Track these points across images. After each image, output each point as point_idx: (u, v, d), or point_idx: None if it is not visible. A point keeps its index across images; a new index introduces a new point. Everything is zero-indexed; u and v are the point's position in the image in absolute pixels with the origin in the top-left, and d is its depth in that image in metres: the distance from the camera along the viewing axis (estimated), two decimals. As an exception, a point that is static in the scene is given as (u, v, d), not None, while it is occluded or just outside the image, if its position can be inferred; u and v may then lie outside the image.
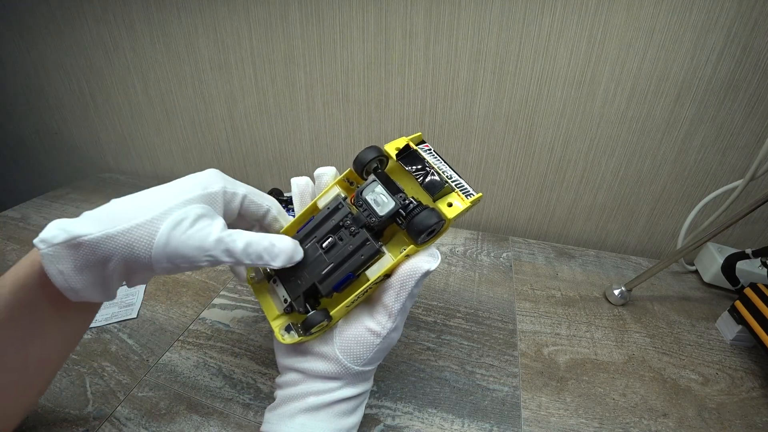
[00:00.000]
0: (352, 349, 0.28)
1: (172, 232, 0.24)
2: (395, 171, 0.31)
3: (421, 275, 0.26)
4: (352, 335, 0.28)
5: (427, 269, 0.26)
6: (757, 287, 0.42)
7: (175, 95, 0.75)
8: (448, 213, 0.27)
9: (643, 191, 0.59)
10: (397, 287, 0.27)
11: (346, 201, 0.30)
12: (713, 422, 0.36)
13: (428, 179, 0.28)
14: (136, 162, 0.87)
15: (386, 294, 0.27)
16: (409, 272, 0.26)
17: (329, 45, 0.61)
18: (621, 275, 0.56)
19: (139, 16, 0.68)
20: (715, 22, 0.46)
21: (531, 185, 0.63)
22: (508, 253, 0.60)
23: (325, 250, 0.29)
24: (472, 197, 0.27)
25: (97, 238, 0.23)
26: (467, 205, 0.27)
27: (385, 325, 0.27)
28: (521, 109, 0.58)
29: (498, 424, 0.35)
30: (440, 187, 0.27)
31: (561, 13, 0.50)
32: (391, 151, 0.29)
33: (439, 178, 0.27)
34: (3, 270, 0.25)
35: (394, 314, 0.27)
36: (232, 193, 0.29)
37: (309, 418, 0.27)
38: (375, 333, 0.27)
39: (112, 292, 0.27)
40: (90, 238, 0.23)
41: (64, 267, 0.23)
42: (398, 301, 0.27)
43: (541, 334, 0.45)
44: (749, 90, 0.49)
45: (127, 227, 0.24)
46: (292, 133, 0.71)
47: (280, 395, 0.29)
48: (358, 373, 0.28)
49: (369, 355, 0.28)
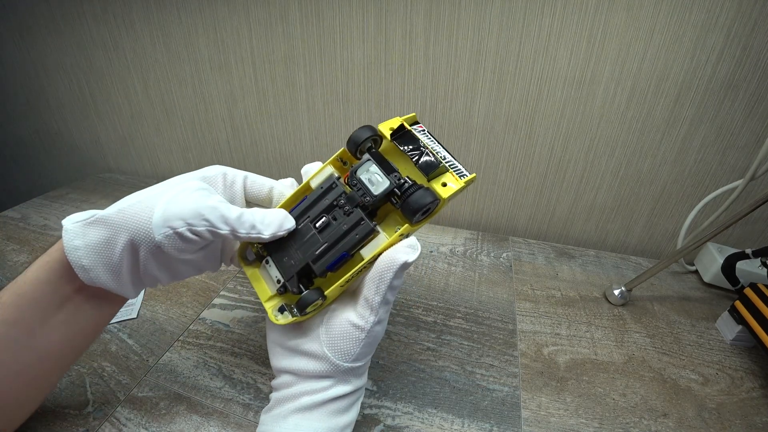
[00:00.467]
0: (338, 345, 0.28)
1: (171, 199, 0.27)
2: (389, 151, 0.31)
3: (399, 267, 0.26)
4: (337, 331, 0.28)
5: (404, 260, 0.26)
6: (757, 287, 0.42)
7: (175, 95, 0.75)
8: (443, 192, 0.27)
9: (643, 191, 0.59)
10: (376, 280, 0.27)
11: (339, 180, 0.30)
12: (713, 422, 0.36)
13: (423, 159, 0.28)
14: (136, 162, 0.87)
15: (366, 287, 0.27)
16: (388, 264, 0.26)
17: (329, 45, 0.61)
18: (621, 275, 0.56)
19: (139, 16, 0.68)
20: (715, 22, 0.46)
21: (531, 185, 0.63)
22: (508, 253, 0.60)
23: (318, 229, 0.29)
24: (465, 177, 0.28)
25: (109, 213, 0.26)
26: (461, 185, 0.27)
27: (368, 319, 0.27)
28: (521, 109, 0.58)
29: (498, 424, 0.35)
30: (435, 167, 0.27)
31: (561, 13, 0.50)
32: (386, 130, 0.29)
33: (434, 158, 0.28)
34: (2, 269, 0.26)
35: (375, 307, 0.27)
36: (232, 175, 0.32)
37: (302, 418, 0.27)
38: (359, 327, 0.27)
39: (123, 279, 0.27)
40: (103, 213, 0.26)
41: (78, 242, 0.26)
42: (378, 293, 0.27)
43: (541, 334, 0.45)
44: (749, 90, 0.49)
45: (133, 201, 0.27)
46: (292, 133, 0.71)
47: (274, 397, 0.29)
48: (349, 370, 0.28)
49: (356, 350, 0.28)
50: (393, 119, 0.30)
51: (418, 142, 0.28)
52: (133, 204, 0.27)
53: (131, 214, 0.26)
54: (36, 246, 0.59)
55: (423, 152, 0.28)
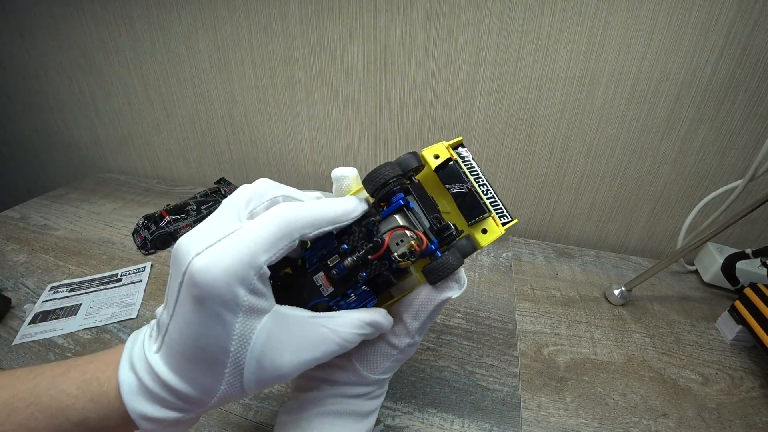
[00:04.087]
0: (368, 359, 0.28)
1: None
2: (430, 182, 0.28)
3: (442, 301, 0.26)
4: (369, 347, 0.28)
5: (449, 296, 0.26)
6: (757, 287, 0.42)
7: (175, 95, 0.75)
8: (482, 240, 0.26)
9: (643, 191, 0.59)
10: (416, 308, 0.27)
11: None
12: (713, 422, 0.36)
13: (467, 201, 0.26)
14: (136, 162, 0.87)
15: (406, 312, 0.27)
16: (430, 297, 0.26)
17: (329, 45, 0.61)
18: (621, 275, 0.56)
19: (139, 16, 0.68)
20: (715, 22, 0.46)
21: (531, 185, 0.63)
22: (508, 253, 0.60)
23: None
24: (507, 224, 0.26)
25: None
26: (500, 234, 0.26)
27: (403, 340, 0.27)
28: (521, 109, 0.58)
29: (498, 424, 0.35)
30: (480, 213, 0.26)
31: (561, 13, 0.50)
32: (430, 158, 0.26)
33: (480, 201, 0.26)
34: (2, 269, 0.24)
35: (411, 332, 0.27)
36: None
37: (326, 422, 0.27)
38: (392, 345, 0.27)
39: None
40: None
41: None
42: (417, 320, 0.27)
43: (541, 334, 0.45)
44: (749, 90, 0.49)
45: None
46: (292, 133, 0.71)
47: (296, 398, 0.29)
48: (375, 381, 0.28)
49: (386, 364, 0.28)
50: (439, 145, 0.27)
51: (462, 179, 0.26)
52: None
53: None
54: (36, 246, 0.59)
55: (468, 193, 0.26)
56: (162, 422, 0.21)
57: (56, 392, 0.21)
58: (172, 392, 0.20)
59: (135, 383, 0.21)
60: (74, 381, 0.21)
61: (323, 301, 0.25)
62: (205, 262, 0.19)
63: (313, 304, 0.25)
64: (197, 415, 0.22)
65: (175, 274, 0.21)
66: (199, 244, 0.20)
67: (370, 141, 0.67)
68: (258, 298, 0.20)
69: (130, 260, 0.56)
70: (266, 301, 0.21)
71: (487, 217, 0.26)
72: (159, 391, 0.20)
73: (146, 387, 0.20)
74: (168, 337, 0.21)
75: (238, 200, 0.23)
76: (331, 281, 0.24)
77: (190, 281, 0.19)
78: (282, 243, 0.21)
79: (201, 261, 0.19)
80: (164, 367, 0.20)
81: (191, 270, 0.19)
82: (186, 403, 0.21)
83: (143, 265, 0.55)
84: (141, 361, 0.21)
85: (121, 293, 0.49)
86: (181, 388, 0.20)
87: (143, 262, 0.55)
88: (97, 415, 0.20)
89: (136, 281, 0.52)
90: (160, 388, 0.20)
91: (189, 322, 0.20)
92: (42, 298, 0.49)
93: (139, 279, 0.52)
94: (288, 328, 0.21)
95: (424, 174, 0.28)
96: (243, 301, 0.20)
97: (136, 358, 0.21)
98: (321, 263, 0.25)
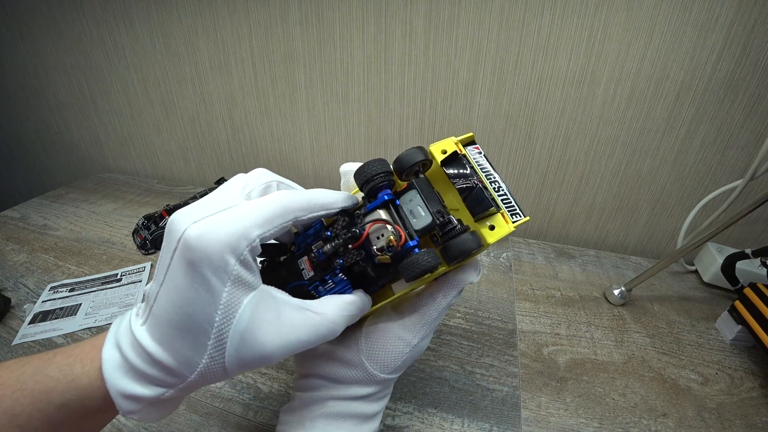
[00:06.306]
0: (379, 356, 0.27)
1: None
2: (438, 178, 0.27)
3: (462, 287, 0.26)
4: (380, 343, 0.27)
5: (470, 281, 0.26)
6: (756, 287, 0.42)
7: (175, 95, 0.75)
8: (489, 237, 0.24)
9: (643, 191, 0.59)
10: (437, 296, 0.26)
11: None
12: (713, 422, 0.36)
13: (473, 196, 0.25)
14: (136, 162, 0.87)
15: (422, 302, 0.27)
16: (454, 282, 0.26)
17: (329, 45, 0.61)
18: (621, 275, 0.56)
19: (139, 16, 0.68)
20: (715, 22, 0.46)
21: (531, 185, 0.63)
22: (507, 253, 0.60)
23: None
24: (518, 221, 0.25)
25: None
26: (510, 231, 0.25)
27: (417, 334, 0.27)
28: (521, 109, 0.58)
29: (498, 424, 0.35)
30: (484, 208, 0.24)
31: (561, 13, 0.50)
32: (437, 153, 0.26)
33: (485, 195, 0.24)
34: (2, 269, 0.25)
35: (428, 323, 0.27)
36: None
37: (329, 424, 0.26)
38: (405, 341, 0.27)
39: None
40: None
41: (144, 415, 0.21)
42: (435, 309, 0.26)
43: (540, 334, 0.45)
44: (749, 90, 0.49)
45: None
46: (292, 133, 0.71)
47: (299, 398, 0.28)
48: (383, 381, 0.27)
49: (397, 363, 0.27)
50: (447, 140, 0.26)
51: (469, 173, 0.25)
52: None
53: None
54: (36, 246, 0.59)
55: (474, 187, 0.24)
56: (141, 400, 0.20)
57: (41, 377, 0.21)
58: (153, 363, 0.20)
59: (117, 358, 0.21)
60: (58, 365, 0.21)
61: (303, 284, 0.25)
62: (201, 229, 0.19)
63: (293, 286, 0.25)
64: (177, 397, 0.22)
65: (168, 244, 0.21)
66: (196, 216, 0.20)
67: (370, 141, 0.67)
68: (246, 271, 0.20)
69: (130, 260, 0.56)
70: (254, 276, 0.21)
71: (494, 212, 0.25)
72: (140, 364, 0.20)
73: (128, 360, 0.20)
74: (156, 305, 0.21)
75: (235, 184, 0.24)
76: (313, 266, 0.25)
77: (185, 245, 0.19)
78: (276, 221, 0.21)
79: (197, 228, 0.20)
80: (148, 337, 0.20)
81: (186, 235, 0.19)
82: (167, 376, 0.20)
83: (143, 265, 0.55)
84: (126, 336, 0.21)
85: (121, 293, 0.50)
86: (163, 359, 0.20)
87: (143, 262, 0.55)
88: (77, 396, 0.21)
89: (136, 281, 0.52)
90: (141, 360, 0.20)
91: (178, 287, 0.20)
92: (42, 298, 0.49)
93: (139, 279, 0.52)
94: (273, 308, 0.22)
95: (433, 170, 0.27)
96: (232, 270, 0.20)
97: (122, 335, 0.21)
98: (306, 248, 0.26)
